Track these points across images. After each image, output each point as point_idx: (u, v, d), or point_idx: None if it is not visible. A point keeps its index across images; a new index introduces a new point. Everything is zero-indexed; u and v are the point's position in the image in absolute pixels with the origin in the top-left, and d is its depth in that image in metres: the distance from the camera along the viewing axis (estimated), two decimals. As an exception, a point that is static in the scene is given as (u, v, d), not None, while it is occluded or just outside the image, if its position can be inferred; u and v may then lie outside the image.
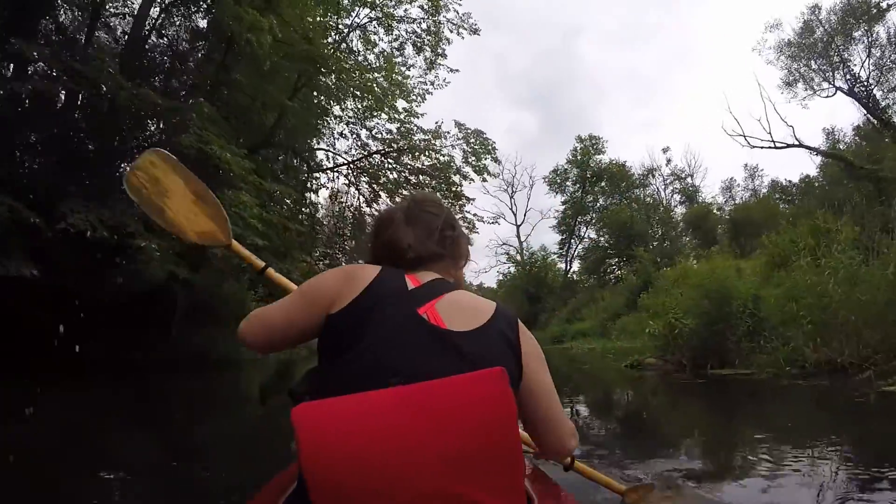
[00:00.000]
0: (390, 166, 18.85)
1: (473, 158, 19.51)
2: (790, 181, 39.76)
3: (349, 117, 18.47)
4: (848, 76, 26.30)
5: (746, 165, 43.48)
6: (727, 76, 73.88)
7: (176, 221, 1.96)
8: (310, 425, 0.98)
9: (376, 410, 1.01)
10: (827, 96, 28.22)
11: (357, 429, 0.98)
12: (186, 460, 4.71)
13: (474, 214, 19.85)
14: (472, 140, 19.40)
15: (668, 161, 49.18)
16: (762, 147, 27.94)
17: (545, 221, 69.60)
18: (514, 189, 55.72)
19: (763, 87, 47.21)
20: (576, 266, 52.66)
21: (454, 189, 18.93)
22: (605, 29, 77.94)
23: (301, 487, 1.10)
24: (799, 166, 60.39)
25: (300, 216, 16.21)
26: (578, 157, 52.63)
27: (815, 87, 27.85)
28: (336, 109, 17.66)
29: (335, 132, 18.60)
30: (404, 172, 18.80)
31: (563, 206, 53.43)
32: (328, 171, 17.72)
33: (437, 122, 19.62)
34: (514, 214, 55.92)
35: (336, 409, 1.02)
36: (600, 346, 23.14)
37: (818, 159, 32.44)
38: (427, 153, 18.80)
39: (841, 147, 32.09)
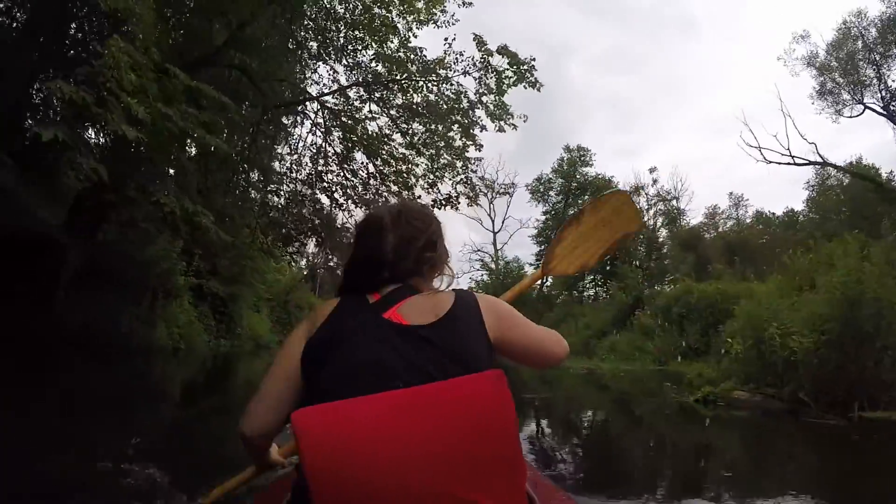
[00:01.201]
0: (373, 113, 13.88)
1: (493, 96, 13.38)
2: (773, 213, 38.90)
3: (327, 50, 13.42)
4: (883, 92, 24.39)
5: (731, 194, 42.01)
6: (715, 107, 72.88)
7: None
8: (311, 429, 1.01)
9: (376, 414, 1.03)
10: (853, 115, 26.24)
11: (358, 432, 1.01)
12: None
13: (482, 178, 15.96)
14: (497, 63, 13.07)
15: (655, 181, 47.40)
16: (780, 163, 25.96)
17: (524, 231, 67.74)
18: (495, 194, 53.22)
19: (783, 101, 45.33)
20: (549, 280, 50.40)
21: (462, 143, 13.51)
22: (592, 53, 76.37)
23: (302, 490, 1.10)
24: (784, 199, 59.77)
25: (244, 166, 12.84)
26: (565, 167, 50.60)
27: (844, 102, 25.90)
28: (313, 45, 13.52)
29: (307, 65, 14.36)
30: (391, 117, 13.69)
31: (545, 217, 51.50)
32: (291, 106, 13.09)
33: (446, 40, 12.99)
34: (493, 220, 53.46)
35: (336, 412, 1.04)
36: (607, 368, 20.54)
37: (804, 194, 30.27)
38: (427, 83, 13.37)
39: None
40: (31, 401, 6.14)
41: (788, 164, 26.39)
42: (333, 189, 13.87)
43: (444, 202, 13.32)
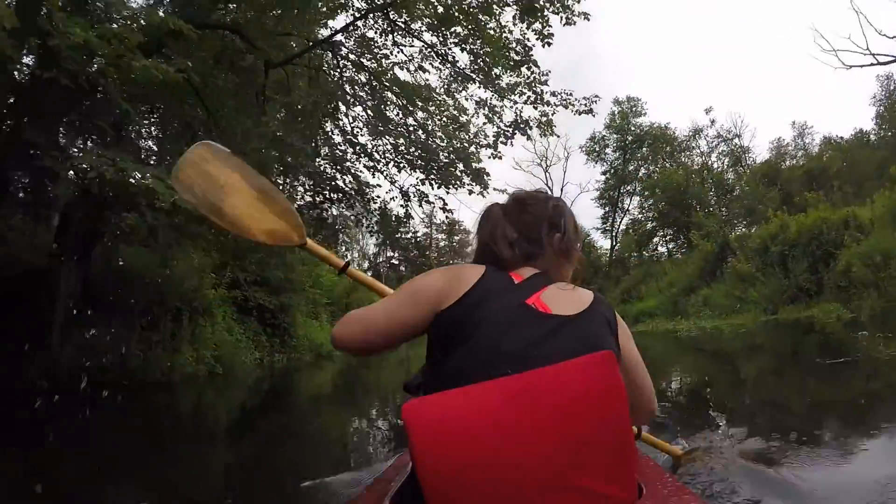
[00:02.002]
0: (399, 47, 10.85)
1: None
2: (841, 137, 35.52)
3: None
4: None
5: (794, 123, 38.33)
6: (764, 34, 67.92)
7: (238, 220, 1.85)
8: (421, 422, 0.99)
9: (486, 403, 1.01)
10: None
11: (468, 423, 0.99)
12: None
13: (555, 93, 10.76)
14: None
15: (713, 122, 43.94)
16: (861, 66, 22.64)
17: (585, 195, 65.00)
18: (549, 162, 50.85)
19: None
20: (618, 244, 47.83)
21: (522, 46, 10.07)
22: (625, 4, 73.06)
23: (412, 481, 1.12)
24: (851, 121, 54.93)
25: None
26: (617, 122, 47.61)
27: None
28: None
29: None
30: (424, 47, 10.65)
31: (604, 177, 48.64)
32: (296, 59, 9.84)
33: None
34: (550, 190, 50.13)
35: (446, 403, 1.03)
36: (711, 326, 18.08)
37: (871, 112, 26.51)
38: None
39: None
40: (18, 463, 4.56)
41: (872, 64, 23.09)
42: (370, 152, 11.86)
43: (509, 133, 10.91)
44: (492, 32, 9.62)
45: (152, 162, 10.05)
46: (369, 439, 5.69)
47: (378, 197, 12.44)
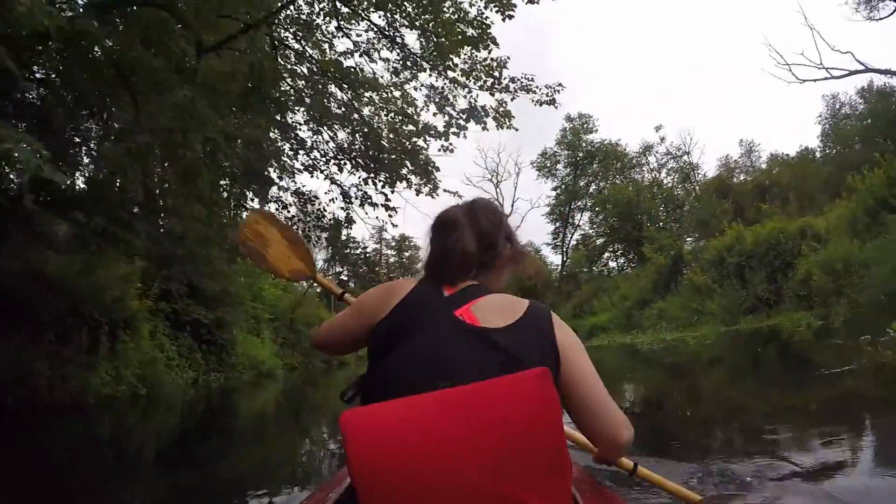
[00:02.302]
0: (344, 29, 9.80)
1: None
2: (787, 154, 36.48)
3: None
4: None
5: (742, 141, 39.07)
6: (711, 55, 70.03)
7: (274, 264, 2.36)
8: (357, 431, 1.00)
9: (422, 414, 1.02)
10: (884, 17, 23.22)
11: (404, 433, 1.00)
12: None
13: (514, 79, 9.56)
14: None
15: (662, 139, 44.53)
16: (815, 80, 22.90)
17: (535, 211, 65.06)
18: (500, 178, 50.64)
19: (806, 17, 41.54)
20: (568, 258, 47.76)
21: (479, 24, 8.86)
22: (577, 23, 75.22)
23: (350, 492, 1.16)
24: (796, 138, 56.80)
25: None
26: (568, 138, 47.80)
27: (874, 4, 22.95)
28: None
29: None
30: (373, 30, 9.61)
31: (555, 192, 48.63)
32: (232, 41, 8.22)
33: None
34: (501, 205, 50.16)
35: (382, 413, 1.04)
36: (672, 339, 17.52)
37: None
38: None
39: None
40: None
41: (825, 78, 23.45)
42: (309, 149, 10.60)
43: (462, 121, 9.41)
44: (446, 9, 8.65)
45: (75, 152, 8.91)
46: (317, 459, 5.38)
47: (316, 198, 11.13)
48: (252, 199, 10.70)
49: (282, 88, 9.50)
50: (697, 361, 11.16)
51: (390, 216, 10.15)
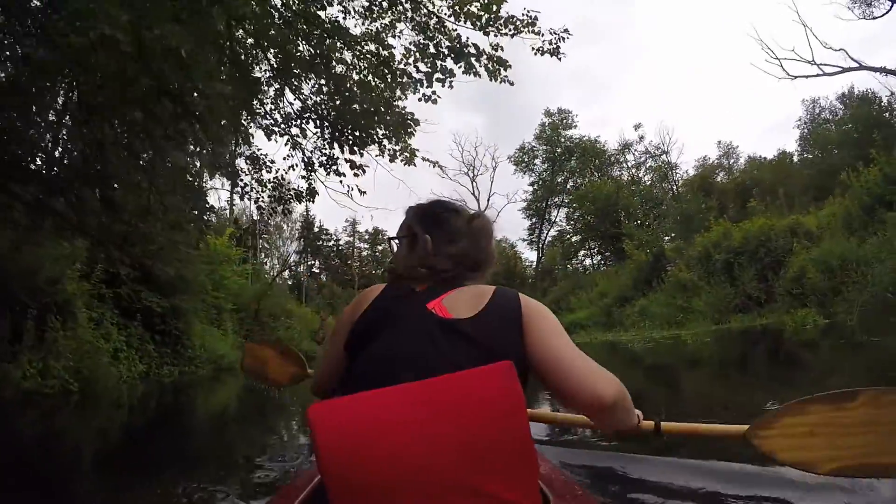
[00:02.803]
0: None
1: None
2: (765, 157, 36.35)
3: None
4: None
5: (720, 143, 38.79)
6: (693, 56, 70.07)
7: (275, 378, 2.55)
8: (325, 424, 1.00)
9: (389, 407, 1.03)
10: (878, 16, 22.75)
11: (372, 425, 1.00)
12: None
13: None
14: None
15: (641, 138, 44.17)
16: (807, 76, 22.30)
17: (512, 206, 64.22)
18: (476, 172, 49.74)
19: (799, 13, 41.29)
20: (543, 254, 47.13)
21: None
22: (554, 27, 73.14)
23: (319, 485, 1.28)
24: (774, 143, 56.92)
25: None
26: (547, 133, 47.13)
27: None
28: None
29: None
30: None
31: (532, 188, 47.98)
32: None
33: None
34: (477, 200, 49.79)
35: (350, 406, 1.04)
36: (660, 336, 16.60)
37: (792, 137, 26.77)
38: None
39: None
40: None
41: (818, 75, 22.82)
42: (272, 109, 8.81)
43: (447, 59, 8.05)
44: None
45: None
46: (285, 458, 4.87)
47: (272, 162, 9.43)
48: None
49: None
50: (706, 362, 10.24)
51: (357, 175, 8.52)
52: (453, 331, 1.18)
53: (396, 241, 1.49)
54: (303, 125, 8.63)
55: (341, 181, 8.85)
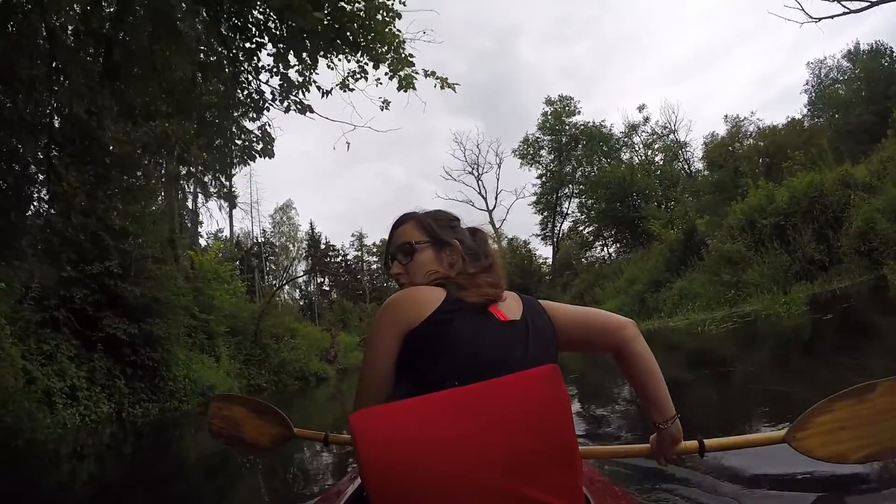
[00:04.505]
0: None
1: None
2: (775, 124, 34.44)
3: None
4: None
5: (727, 117, 36.45)
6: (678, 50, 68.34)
7: (253, 441, 2.37)
8: (367, 432, 1.01)
9: (432, 414, 1.04)
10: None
11: (415, 432, 1.01)
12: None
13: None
14: None
15: (647, 119, 41.99)
16: (832, 16, 19.93)
17: (521, 201, 62.29)
18: (481, 170, 47.78)
19: None
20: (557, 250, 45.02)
21: None
22: (538, 27, 73.28)
23: (360, 492, 1.30)
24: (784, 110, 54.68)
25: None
26: (550, 122, 45.01)
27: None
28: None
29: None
30: None
31: (541, 180, 45.94)
32: None
33: None
34: (485, 199, 48.03)
35: (392, 414, 1.05)
36: (720, 317, 14.27)
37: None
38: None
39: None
40: None
41: (843, 13, 20.39)
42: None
43: None
44: None
45: None
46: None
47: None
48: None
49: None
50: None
51: (345, 90, 6.43)
52: (517, 332, 1.28)
53: (417, 245, 1.47)
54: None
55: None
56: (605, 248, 41.94)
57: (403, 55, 6.21)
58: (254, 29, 6.31)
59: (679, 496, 2.61)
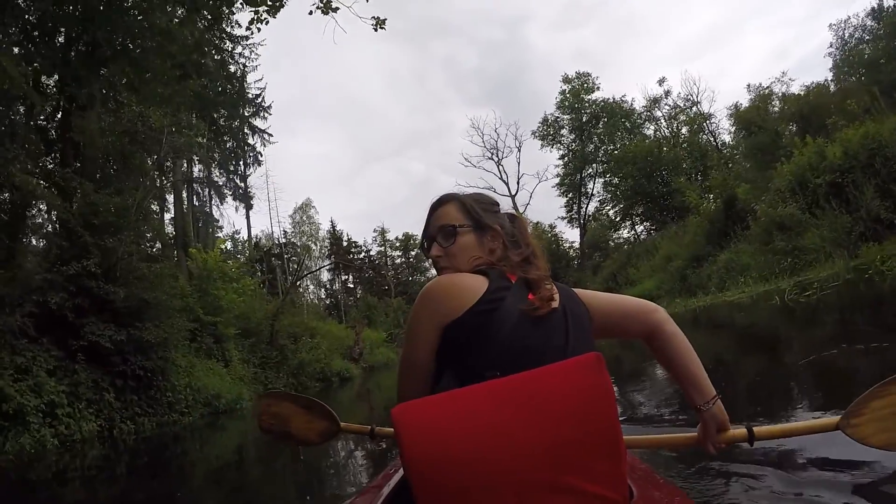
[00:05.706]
0: None
1: None
2: (799, 93, 32.54)
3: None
4: None
5: (749, 86, 34.48)
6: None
7: (301, 436, 2.34)
8: (409, 424, 1.01)
9: (475, 405, 1.02)
10: None
11: (456, 424, 1.00)
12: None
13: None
14: None
15: (667, 93, 40.04)
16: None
17: (544, 185, 60.68)
18: (501, 154, 46.19)
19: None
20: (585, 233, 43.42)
21: None
22: (547, 14, 73.59)
23: (403, 484, 1.27)
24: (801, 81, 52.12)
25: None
26: (569, 100, 43.34)
27: None
28: None
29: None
30: None
31: (563, 161, 44.27)
32: None
33: None
34: (506, 184, 46.37)
35: (435, 406, 1.05)
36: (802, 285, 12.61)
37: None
38: None
39: None
40: None
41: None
42: None
43: None
44: None
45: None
46: None
47: None
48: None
49: None
50: None
51: None
52: (557, 320, 1.24)
53: (460, 227, 1.41)
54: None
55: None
56: (634, 228, 40.42)
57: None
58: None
59: (722, 484, 2.52)
